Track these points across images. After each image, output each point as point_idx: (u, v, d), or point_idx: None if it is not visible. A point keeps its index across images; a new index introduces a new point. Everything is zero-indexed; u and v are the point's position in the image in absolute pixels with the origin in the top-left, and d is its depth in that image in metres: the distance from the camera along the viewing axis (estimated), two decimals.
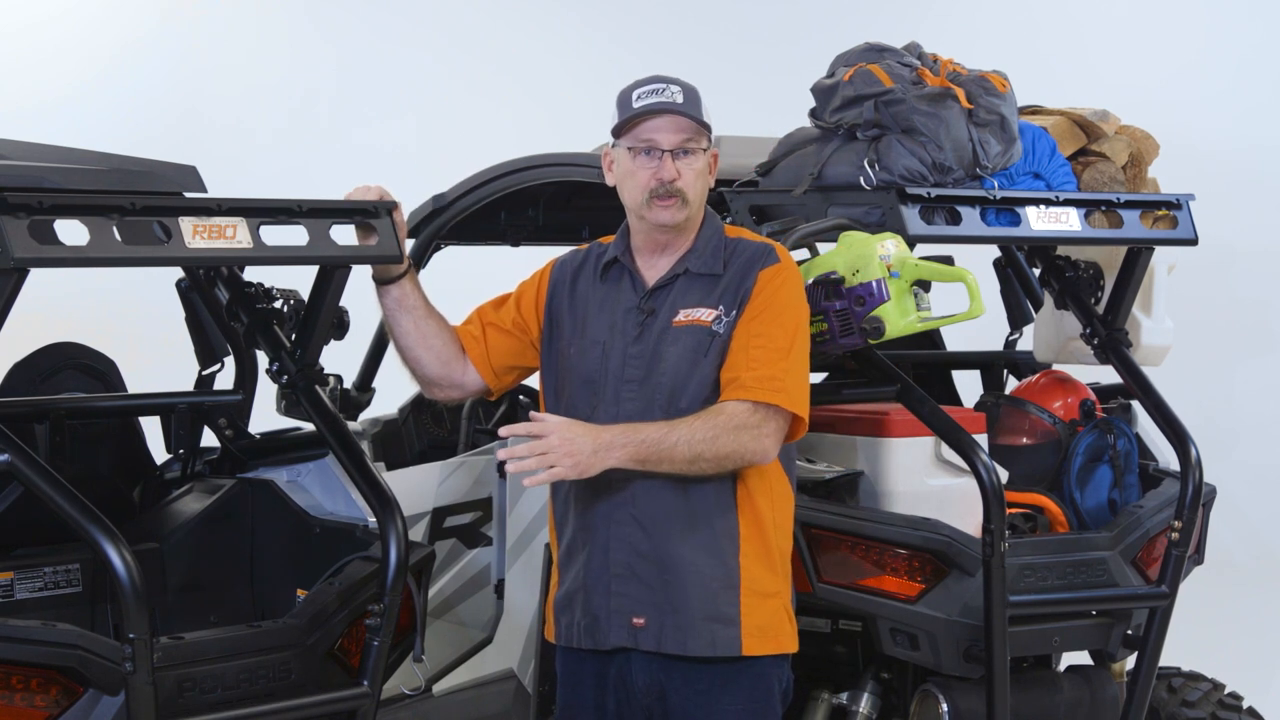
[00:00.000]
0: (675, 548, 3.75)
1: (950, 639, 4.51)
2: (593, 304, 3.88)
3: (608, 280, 3.89)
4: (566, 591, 3.87)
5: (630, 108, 3.79)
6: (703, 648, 3.75)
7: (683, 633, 3.74)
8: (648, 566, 3.76)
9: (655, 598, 3.75)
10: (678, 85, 3.80)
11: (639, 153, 3.78)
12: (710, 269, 3.83)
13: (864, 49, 4.84)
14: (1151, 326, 5.21)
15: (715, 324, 3.78)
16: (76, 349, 4.66)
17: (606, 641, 3.80)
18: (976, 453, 4.44)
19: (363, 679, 3.84)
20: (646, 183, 3.77)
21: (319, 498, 4.42)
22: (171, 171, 3.88)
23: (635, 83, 3.84)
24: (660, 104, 3.77)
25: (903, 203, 4.55)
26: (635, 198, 3.80)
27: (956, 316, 4.36)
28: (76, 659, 3.46)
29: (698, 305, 3.80)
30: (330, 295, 4.09)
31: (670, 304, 3.82)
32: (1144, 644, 4.82)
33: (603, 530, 3.79)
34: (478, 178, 5.67)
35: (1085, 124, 5.02)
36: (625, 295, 3.87)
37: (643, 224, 3.83)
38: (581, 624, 3.83)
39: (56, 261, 3.53)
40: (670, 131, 3.77)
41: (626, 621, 3.77)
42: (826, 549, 4.55)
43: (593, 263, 3.94)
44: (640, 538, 3.76)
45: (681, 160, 3.77)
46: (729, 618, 3.76)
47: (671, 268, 3.85)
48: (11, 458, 3.55)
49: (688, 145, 3.78)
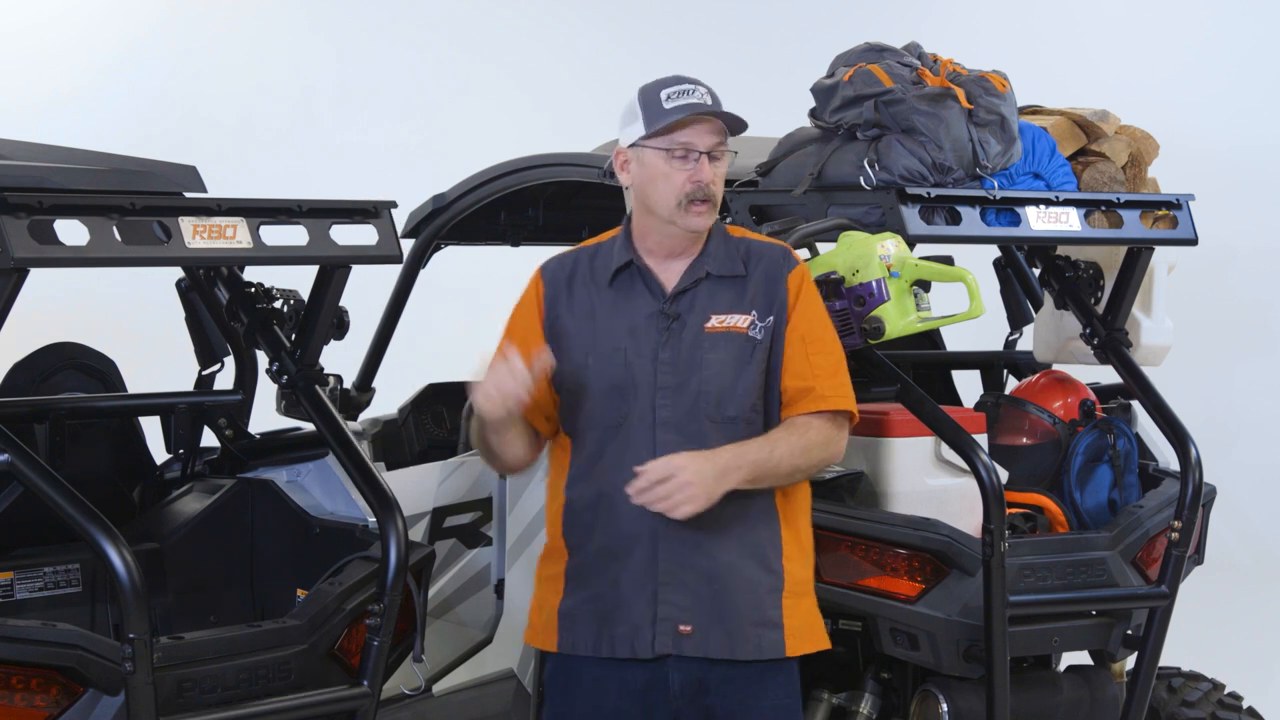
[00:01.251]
0: (723, 556, 3.74)
1: (950, 639, 4.51)
2: (602, 310, 3.80)
3: (618, 285, 3.81)
4: (586, 601, 3.79)
5: (662, 109, 3.71)
6: (750, 652, 3.74)
7: (731, 639, 3.74)
8: (694, 576, 3.74)
9: (702, 605, 3.74)
10: (704, 86, 3.76)
11: (674, 155, 3.72)
12: (732, 270, 3.80)
13: (864, 49, 4.84)
14: (1151, 326, 5.21)
15: (752, 330, 3.77)
16: (76, 349, 4.66)
17: (649, 650, 3.74)
18: (976, 453, 4.44)
19: (363, 679, 3.84)
20: (682, 186, 3.71)
21: (319, 498, 4.42)
22: (171, 171, 3.88)
23: (659, 82, 3.77)
24: (697, 105, 3.71)
25: (903, 203, 4.54)
26: (668, 201, 3.73)
27: (956, 316, 4.36)
28: (76, 659, 3.46)
29: (729, 311, 3.77)
30: (330, 295, 4.09)
31: (698, 309, 3.78)
32: (1144, 644, 4.82)
33: (646, 541, 3.73)
34: (478, 178, 5.66)
35: (1085, 124, 5.02)
36: (642, 300, 3.79)
37: (671, 228, 3.75)
38: (618, 634, 3.76)
39: (56, 261, 3.53)
40: (707, 134, 3.73)
41: (672, 629, 3.73)
42: (826, 549, 4.54)
43: (587, 267, 3.85)
44: (688, 548, 3.73)
45: (715, 163, 3.74)
46: (774, 621, 3.76)
47: (688, 271, 3.80)
48: (11, 458, 3.55)
49: (719, 149, 3.75)
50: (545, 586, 3.86)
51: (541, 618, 3.86)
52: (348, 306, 4.26)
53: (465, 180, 5.71)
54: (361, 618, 3.85)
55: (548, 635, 3.84)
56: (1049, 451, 5.15)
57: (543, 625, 3.85)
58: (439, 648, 5.28)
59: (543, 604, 3.87)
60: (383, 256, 3.95)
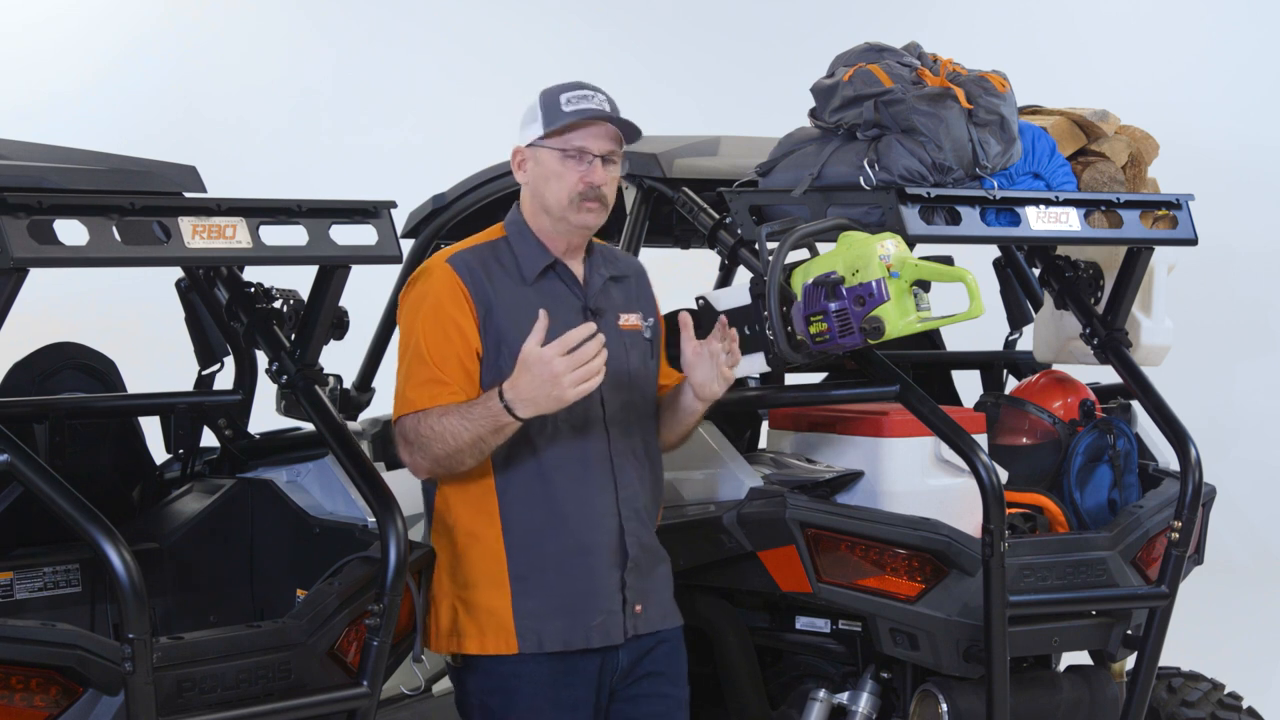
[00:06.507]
0: (653, 535, 4.00)
1: (950, 639, 4.51)
2: (528, 307, 3.83)
3: (541, 283, 3.92)
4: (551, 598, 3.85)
5: (561, 111, 3.86)
6: (674, 620, 4.03)
7: (663, 609, 4.00)
8: (647, 557, 3.96)
9: (647, 584, 3.95)
10: (603, 93, 3.92)
11: (568, 156, 3.86)
12: (620, 271, 4.05)
13: (864, 49, 4.84)
14: (1151, 326, 5.21)
15: (645, 330, 4.04)
16: (76, 349, 4.66)
17: (619, 636, 3.89)
18: (976, 453, 4.44)
19: (362, 679, 3.83)
20: (574, 185, 3.86)
21: (319, 498, 4.42)
22: (171, 171, 3.88)
23: (560, 86, 3.92)
24: (594, 111, 3.87)
25: (902, 203, 4.54)
26: (560, 199, 3.87)
27: (956, 316, 4.36)
28: (76, 659, 3.46)
29: (626, 310, 4.02)
30: (330, 295, 4.09)
31: (611, 308, 3.98)
32: (1144, 644, 4.82)
33: (614, 528, 3.89)
34: (478, 178, 5.67)
35: (1085, 124, 5.02)
36: (566, 297, 3.93)
37: (562, 225, 3.90)
38: (592, 624, 3.86)
39: (56, 261, 3.53)
40: (601, 139, 3.88)
41: (632, 612, 3.92)
42: (826, 549, 4.54)
43: (494, 262, 3.91)
44: (642, 529, 3.95)
45: (608, 167, 3.89)
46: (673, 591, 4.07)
47: (592, 269, 3.97)
48: (11, 458, 3.54)
49: (614, 154, 3.91)
50: (480, 593, 3.88)
51: (481, 622, 3.87)
52: (348, 306, 4.26)
53: (465, 180, 5.71)
54: (361, 618, 3.85)
55: (500, 639, 3.87)
56: (1049, 451, 5.15)
57: (494, 630, 3.86)
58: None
59: (486, 609, 3.87)
60: (382, 256, 3.95)
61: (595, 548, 3.87)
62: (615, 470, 3.90)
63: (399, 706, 4.89)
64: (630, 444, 3.94)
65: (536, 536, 3.87)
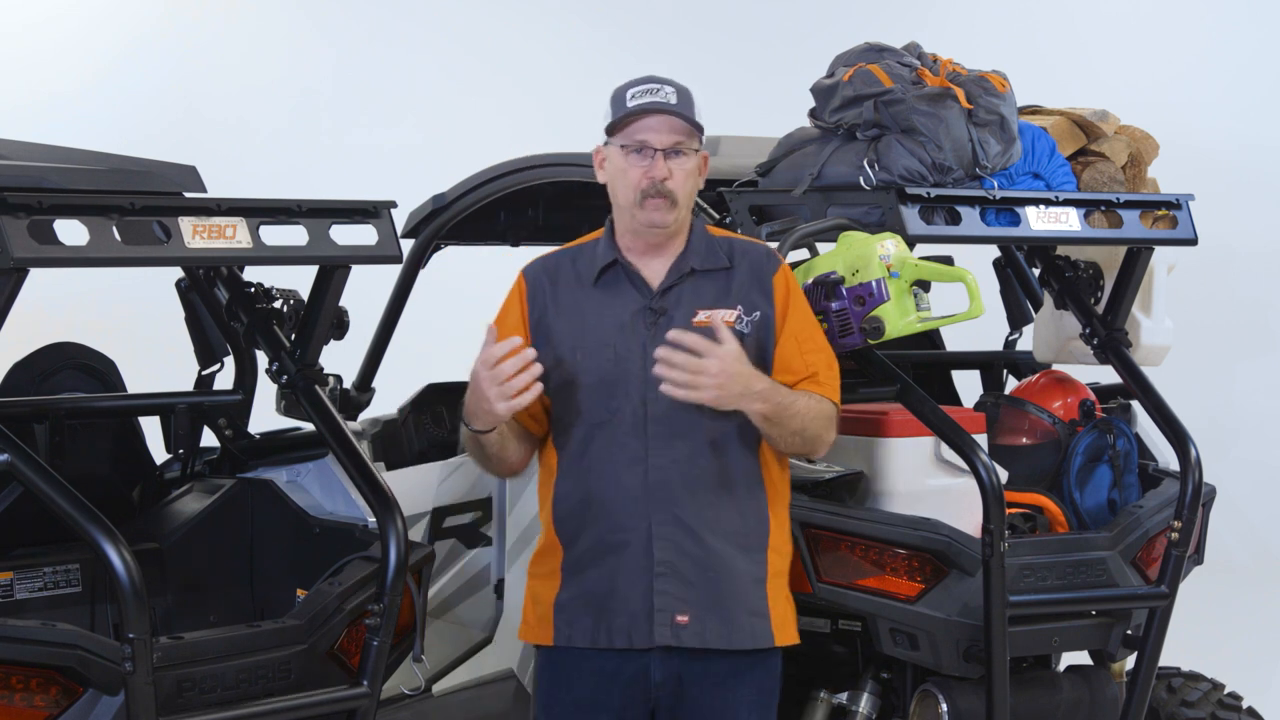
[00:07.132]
0: (715, 544, 3.82)
1: (950, 639, 4.51)
2: (589, 308, 3.85)
3: (603, 283, 3.87)
4: (583, 594, 3.84)
5: (624, 106, 3.80)
6: (744, 641, 3.83)
7: (726, 627, 3.82)
8: (690, 565, 3.81)
9: (697, 595, 3.81)
10: (671, 86, 3.83)
11: (631, 151, 3.79)
12: (716, 264, 3.88)
13: (864, 49, 4.84)
14: (1151, 326, 5.21)
15: (739, 324, 3.84)
16: (76, 349, 4.66)
17: (648, 640, 3.80)
18: (976, 453, 4.44)
19: (362, 679, 3.84)
20: (638, 182, 3.79)
21: (319, 498, 4.42)
22: (171, 171, 3.89)
23: (629, 82, 3.85)
24: (654, 104, 3.79)
25: (902, 203, 4.55)
26: (627, 196, 3.81)
27: (956, 316, 4.36)
28: (76, 659, 3.46)
29: (715, 305, 3.84)
30: (330, 295, 4.09)
31: (684, 304, 3.84)
32: (1144, 644, 4.82)
33: (642, 531, 3.80)
34: (478, 178, 5.66)
35: (1085, 124, 5.02)
36: (628, 297, 3.85)
37: (633, 223, 3.83)
38: (616, 625, 3.81)
39: (56, 261, 3.53)
40: (663, 131, 3.79)
41: (670, 620, 3.80)
42: (826, 549, 4.54)
43: (570, 267, 3.90)
44: (684, 537, 3.80)
45: (673, 160, 3.79)
46: (762, 611, 3.86)
47: (673, 267, 3.86)
48: (11, 458, 3.55)
49: (680, 146, 3.80)
50: (540, 582, 3.91)
51: (536, 613, 3.91)
52: (348, 306, 4.26)
53: (465, 180, 5.71)
54: (361, 618, 3.86)
55: (543, 629, 3.89)
56: (1049, 451, 5.15)
57: (537, 620, 3.90)
58: (439, 648, 5.28)
59: (537, 599, 3.91)
60: (382, 256, 3.95)
61: (621, 548, 3.81)
62: (649, 472, 3.79)
63: (399, 706, 4.89)
64: (682, 447, 3.80)
65: (575, 532, 3.85)
